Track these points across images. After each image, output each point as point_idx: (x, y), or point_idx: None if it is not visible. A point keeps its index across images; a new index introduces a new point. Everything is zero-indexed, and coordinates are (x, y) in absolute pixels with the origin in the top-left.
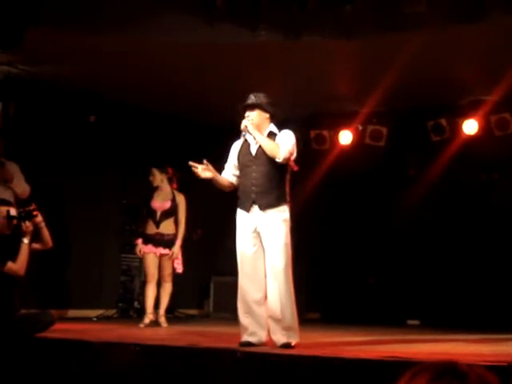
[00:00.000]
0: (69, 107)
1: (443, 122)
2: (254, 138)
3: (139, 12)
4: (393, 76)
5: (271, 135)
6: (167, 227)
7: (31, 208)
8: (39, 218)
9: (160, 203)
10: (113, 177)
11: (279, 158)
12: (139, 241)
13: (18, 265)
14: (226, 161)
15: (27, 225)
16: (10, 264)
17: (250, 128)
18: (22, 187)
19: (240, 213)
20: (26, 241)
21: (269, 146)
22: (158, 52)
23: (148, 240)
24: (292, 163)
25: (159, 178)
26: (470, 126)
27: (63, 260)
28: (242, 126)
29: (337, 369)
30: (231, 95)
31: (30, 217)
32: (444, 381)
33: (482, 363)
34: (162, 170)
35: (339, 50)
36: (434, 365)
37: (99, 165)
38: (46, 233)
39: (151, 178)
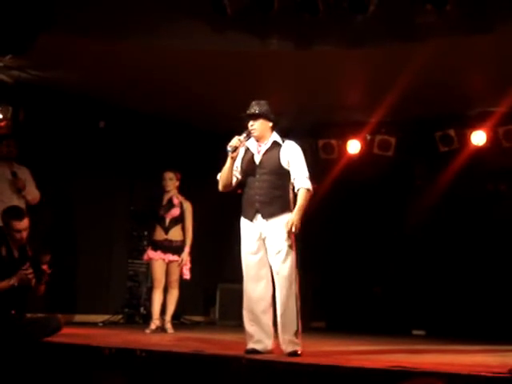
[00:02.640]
0: (78, 113)
1: (451, 132)
2: (266, 148)
3: (150, 19)
4: (402, 86)
5: (275, 144)
6: (176, 234)
7: (45, 266)
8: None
9: (168, 211)
10: (121, 183)
11: (308, 191)
12: (149, 247)
13: None
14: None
15: (40, 289)
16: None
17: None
18: (32, 194)
19: (244, 221)
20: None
21: (304, 205)
22: (168, 59)
23: (156, 246)
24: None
25: (174, 184)
26: (478, 137)
27: (70, 265)
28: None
29: (342, 378)
30: (240, 103)
31: (41, 279)
32: None
33: (488, 374)
34: (176, 175)
35: (349, 59)
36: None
37: (107, 170)
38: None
39: (166, 183)
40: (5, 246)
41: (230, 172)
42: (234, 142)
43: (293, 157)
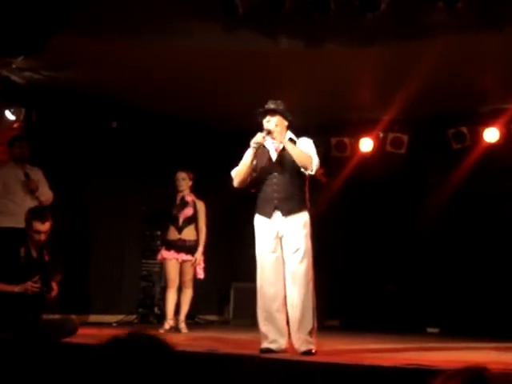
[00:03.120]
0: (91, 113)
1: (464, 129)
2: (282, 145)
3: (162, 19)
4: (414, 84)
5: (291, 141)
6: (189, 233)
7: (54, 284)
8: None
9: (182, 211)
10: (133, 183)
11: (311, 170)
12: (162, 247)
13: None
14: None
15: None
16: None
17: (279, 137)
18: (46, 195)
19: (260, 219)
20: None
21: (303, 158)
22: (180, 59)
23: (170, 246)
24: (321, 176)
25: (187, 183)
26: (491, 134)
27: (84, 266)
28: (264, 129)
29: (356, 376)
30: (251, 102)
31: (48, 293)
32: None
33: (503, 371)
34: (189, 175)
35: (360, 57)
36: (461, 372)
37: (120, 170)
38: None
39: (179, 183)
40: (24, 247)
41: (249, 168)
42: (259, 138)
43: (303, 145)
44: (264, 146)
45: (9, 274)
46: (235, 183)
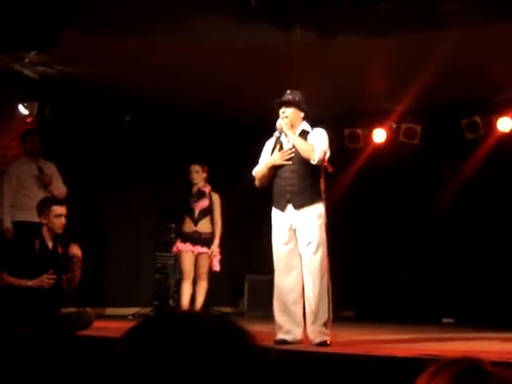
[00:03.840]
0: (104, 107)
1: (477, 119)
2: (287, 137)
3: (174, 13)
4: (427, 74)
5: (304, 133)
6: (205, 226)
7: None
8: (77, 253)
9: (198, 202)
10: (148, 176)
11: (313, 160)
12: (178, 240)
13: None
14: (258, 159)
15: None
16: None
17: (285, 128)
18: (59, 189)
19: (275, 212)
20: (77, 253)
21: (303, 148)
22: (192, 52)
23: (186, 238)
24: (327, 164)
25: (201, 176)
26: (505, 124)
27: (99, 259)
28: (278, 125)
29: (371, 367)
30: (264, 94)
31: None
32: (466, 380)
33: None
34: (203, 168)
35: (373, 48)
36: (456, 363)
37: (134, 164)
38: (77, 272)
39: (193, 176)
40: (39, 240)
41: (270, 170)
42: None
43: (314, 135)
44: (278, 139)
45: (24, 268)
46: (257, 184)
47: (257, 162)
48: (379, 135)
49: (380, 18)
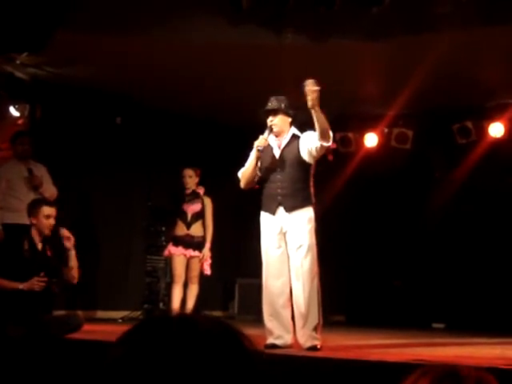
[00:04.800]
0: (95, 109)
1: (469, 124)
2: (285, 141)
3: (164, 14)
4: (419, 78)
5: (294, 138)
6: (197, 229)
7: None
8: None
9: (191, 205)
10: (138, 178)
11: (328, 141)
12: (170, 243)
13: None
14: (246, 160)
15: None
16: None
17: (310, 104)
18: (50, 191)
19: (264, 215)
20: (72, 251)
21: (325, 127)
22: (183, 54)
23: (178, 242)
24: (329, 153)
25: (194, 181)
26: (496, 129)
27: (89, 262)
28: (268, 129)
29: (362, 371)
30: (255, 97)
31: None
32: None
33: (508, 367)
34: (196, 172)
35: (365, 52)
36: (434, 369)
37: (125, 166)
38: (74, 266)
39: (186, 180)
40: (27, 241)
41: (254, 170)
42: (262, 141)
43: (306, 134)
44: (268, 144)
45: (14, 269)
46: (242, 185)
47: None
48: (371, 139)
49: (373, 21)
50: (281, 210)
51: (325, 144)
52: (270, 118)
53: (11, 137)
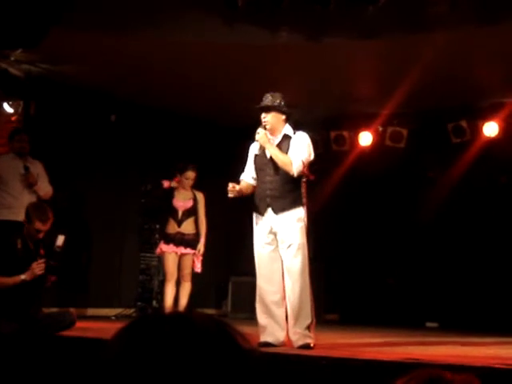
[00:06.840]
0: (89, 106)
1: (464, 124)
2: (278, 141)
3: (160, 13)
4: (414, 77)
5: (286, 138)
6: (188, 227)
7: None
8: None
9: (182, 202)
10: (132, 176)
11: (293, 174)
12: (161, 241)
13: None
14: (243, 161)
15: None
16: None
17: (261, 141)
18: (45, 189)
19: (255, 216)
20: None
21: (281, 162)
22: (178, 53)
23: (169, 239)
24: (307, 172)
25: (191, 178)
26: (491, 129)
27: (83, 259)
28: (257, 137)
29: (355, 370)
30: (250, 96)
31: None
32: None
33: (501, 366)
34: (193, 169)
35: (360, 50)
36: (419, 375)
37: (119, 164)
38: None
39: (188, 182)
40: (20, 239)
41: (244, 192)
42: (263, 137)
43: (294, 143)
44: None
45: (7, 267)
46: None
47: (242, 164)
48: (365, 138)
49: (368, 20)
50: (270, 210)
51: (291, 174)
52: (263, 115)
53: (9, 134)
